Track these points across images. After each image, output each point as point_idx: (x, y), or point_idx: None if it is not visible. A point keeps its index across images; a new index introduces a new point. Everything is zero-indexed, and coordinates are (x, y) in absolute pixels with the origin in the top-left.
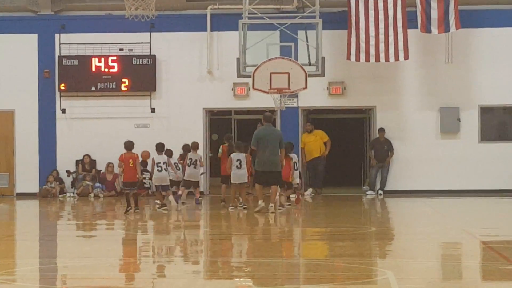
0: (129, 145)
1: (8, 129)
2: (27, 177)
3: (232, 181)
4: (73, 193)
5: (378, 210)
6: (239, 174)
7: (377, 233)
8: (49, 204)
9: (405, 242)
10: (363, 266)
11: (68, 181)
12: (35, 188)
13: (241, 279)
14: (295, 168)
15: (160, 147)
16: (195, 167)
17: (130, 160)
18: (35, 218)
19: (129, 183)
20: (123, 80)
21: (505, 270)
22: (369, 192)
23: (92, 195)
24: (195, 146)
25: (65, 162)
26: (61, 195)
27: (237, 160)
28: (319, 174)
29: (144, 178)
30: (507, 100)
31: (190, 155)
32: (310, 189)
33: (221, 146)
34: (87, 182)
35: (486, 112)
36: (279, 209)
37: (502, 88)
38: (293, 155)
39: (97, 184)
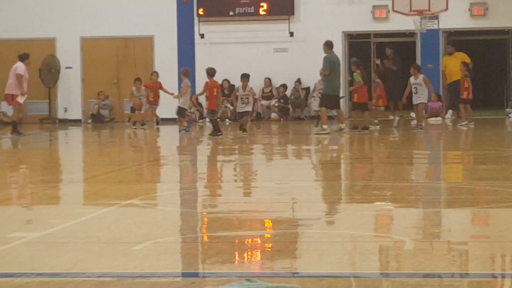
0: (212, 72)
1: (147, 54)
2: (166, 103)
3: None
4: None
5: None
6: None
7: None
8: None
9: None
10: (507, 189)
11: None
12: (171, 114)
13: (383, 203)
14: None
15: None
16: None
17: (214, 89)
18: (175, 142)
19: (212, 110)
20: (261, 4)
21: None
22: None
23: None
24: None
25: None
26: (201, 120)
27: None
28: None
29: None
30: None
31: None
32: (451, 111)
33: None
34: (229, 106)
35: None
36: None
37: None
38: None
39: None
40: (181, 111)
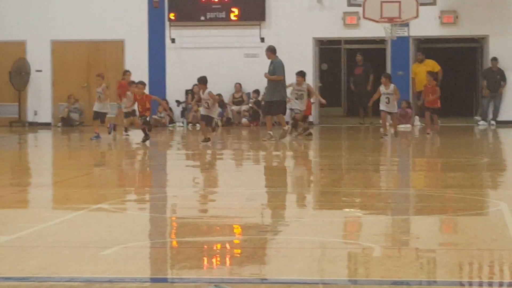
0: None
1: (118, 58)
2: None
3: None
4: (183, 122)
5: (490, 141)
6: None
7: (489, 164)
8: (158, 133)
9: None
10: (475, 197)
11: (177, 110)
12: None
13: (352, 210)
14: None
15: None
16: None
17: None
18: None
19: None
20: (232, 9)
21: None
22: (481, 122)
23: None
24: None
25: (174, 92)
26: (171, 125)
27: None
28: None
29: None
30: None
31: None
32: (418, 118)
33: None
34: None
35: None
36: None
37: None
38: None
39: None
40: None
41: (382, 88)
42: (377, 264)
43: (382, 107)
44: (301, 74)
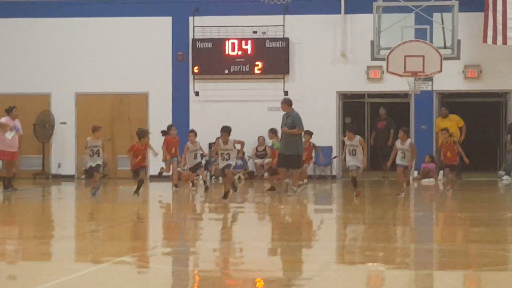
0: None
1: (142, 111)
2: (159, 159)
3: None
4: (206, 175)
5: None
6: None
7: None
8: (182, 186)
9: None
10: (499, 252)
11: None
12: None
13: (375, 264)
14: None
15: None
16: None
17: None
18: (169, 200)
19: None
20: (256, 63)
21: None
22: (505, 177)
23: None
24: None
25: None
26: (197, 177)
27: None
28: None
29: None
30: None
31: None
32: (442, 172)
33: None
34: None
35: None
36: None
37: None
38: None
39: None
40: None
41: (398, 144)
42: None
43: (398, 161)
44: (351, 129)
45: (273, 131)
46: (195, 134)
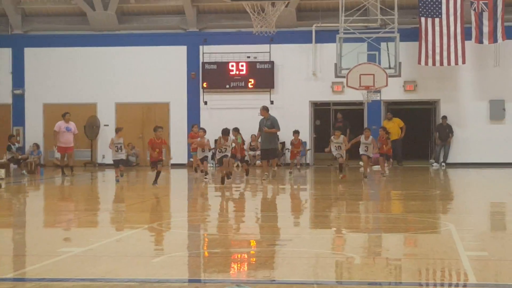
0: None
1: (164, 116)
2: (179, 152)
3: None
4: (213, 163)
5: (442, 178)
6: None
7: (441, 195)
8: (194, 172)
9: (463, 202)
10: (430, 220)
11: (208, 155)
12: (184, 160)
13: (339, 228)
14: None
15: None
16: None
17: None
18: (185, 182)
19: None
20: (250, 80)
21: None
22: (434, 164)
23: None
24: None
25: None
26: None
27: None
28: (398, 152)
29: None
30: None
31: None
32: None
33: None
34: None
35: None
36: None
37: None
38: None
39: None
40: None
41: (362, 138)
42: (357, 269)
43: (362, 152)
44: (339, 129)
45: (236, 130)
46: (204, 132)
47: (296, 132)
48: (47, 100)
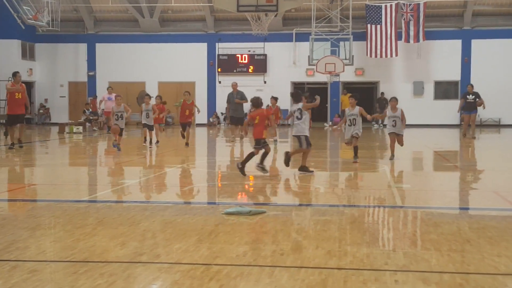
0: (256, 102)
1: (192, 91)
2: (202, 115)
3: None
4: (223, 124)
5: (380, 134)
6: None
7: (379, 147)
8: (212, 129)
9: (396, 152)
10: (372, 163)
11: (220, 117)
12: (204, 121)
13: (310, 168)
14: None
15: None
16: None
17: (257, 117)
18: (204, 137)
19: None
20: (250, 66)
21: (445, 166)
22: (375, 126)
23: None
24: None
25: (221, 109)
26: (218, 125)
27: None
28: None
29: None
30: (451, 77)
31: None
32: (343, 125)
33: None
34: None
35: (438, 84)
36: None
37: (448, 69)
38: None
39: None
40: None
41: (389, 110)
42: (321, 196)
43: (389, 129)
44: (355, 97)
45: (187, 92)
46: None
47: (273, 98)
48: (111, 79)
